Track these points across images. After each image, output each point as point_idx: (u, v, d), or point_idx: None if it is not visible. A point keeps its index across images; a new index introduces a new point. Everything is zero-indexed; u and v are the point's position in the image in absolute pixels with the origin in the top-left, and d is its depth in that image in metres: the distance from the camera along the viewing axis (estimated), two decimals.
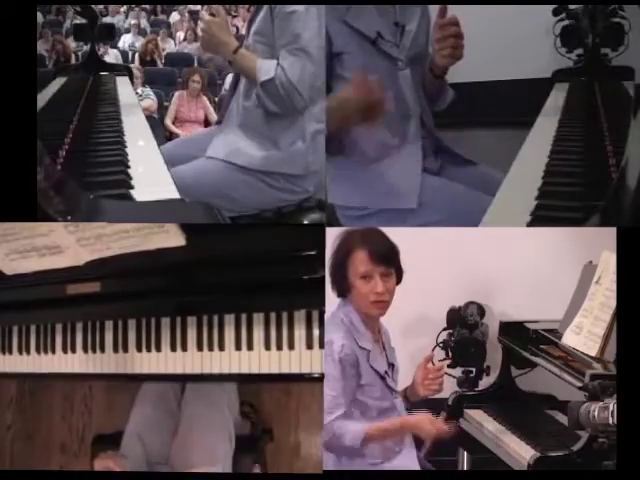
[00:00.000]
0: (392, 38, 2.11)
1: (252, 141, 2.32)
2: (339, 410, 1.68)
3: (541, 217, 1.57)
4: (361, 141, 2.15)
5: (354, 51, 2.08)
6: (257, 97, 2.27)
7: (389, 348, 1.84)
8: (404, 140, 2.14)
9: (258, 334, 1.72)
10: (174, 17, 7.80)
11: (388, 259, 1.73)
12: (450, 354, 2.18)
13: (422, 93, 2.19)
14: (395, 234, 1.78)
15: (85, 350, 1.92)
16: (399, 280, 1.76)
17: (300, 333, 1.70)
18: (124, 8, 7.66)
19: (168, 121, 5.25)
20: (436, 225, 2.05)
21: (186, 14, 7.71)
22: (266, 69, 2.23)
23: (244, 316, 1.74)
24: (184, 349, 1.78)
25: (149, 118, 3.49)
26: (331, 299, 1.76)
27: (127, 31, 7.24)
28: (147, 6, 7.87)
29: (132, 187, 1.67)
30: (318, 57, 2.16)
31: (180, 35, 7.10)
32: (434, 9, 2.24)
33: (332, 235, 1.77)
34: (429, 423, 1.69)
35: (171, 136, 5.09)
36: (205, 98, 5.29)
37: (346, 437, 1.66)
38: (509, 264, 2.33)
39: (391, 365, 1.82)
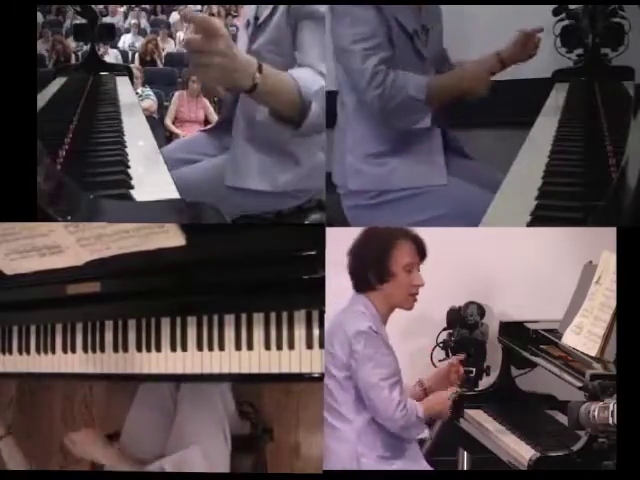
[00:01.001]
0: (424, 38, 2.16)
1: (270, 159, 2.19)
2: (401, 386, 1.76)
3: (541, 217, 1.57)
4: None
5: (399, 45, 2.10)
6: (311, 118, 1.90)
7: None
8: (423, 133, 2.17)
9: (258, 334, 1.72)
10: (174, 17, 7.80)
11: (425, 255, 1.82)
12: (450, 354, 2.18)
13: None
14: None
15: (85, 350, 1.92)
16: None
17: (300, 333, 1.70)
18: (124, 8, 7.66)
19: (168, 121, 5.26)
20: (439, 220, 2.06)
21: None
22: (313, 82, 1.92)
23: (244, 316, 1.74)
24: (184, 349, 1.78)
25: (149, 118, 3.49)
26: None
27: (127, 31, 7.25)
28: (147, 6, 7.87)
29: (132, 187, 1.67)
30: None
31: (180, 35, 7.09)
32: (455, 9, 2.29)
33: (332, 235, 1.77)
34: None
35: (171, 136, 5.10)
36: (205, 98, 5.30)
37: (418, 410, 1.75)
38: (509, 264, 2.33)
39: None
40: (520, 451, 1.80)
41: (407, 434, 1.76)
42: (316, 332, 1.69)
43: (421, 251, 1.81)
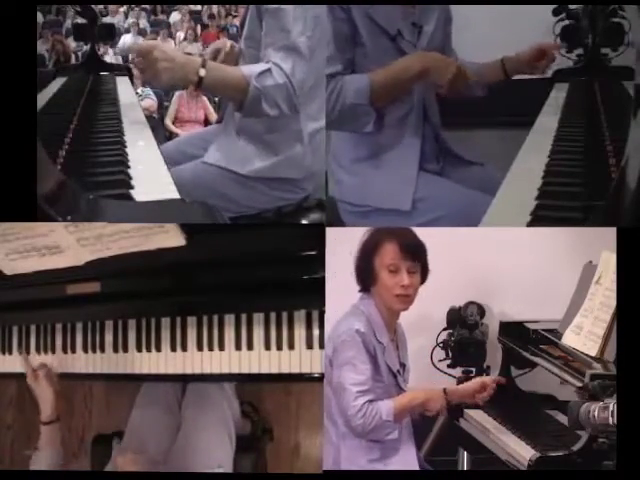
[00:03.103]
0: (410, 37, 2.13)
1: (250, 147, 2.25)
2: (370, 395, 1.70)
3: (541, 217, 1.57)
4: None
5: (374, 45, 2.09)
6: (253, 99, 2.04)
7: (402, 349, 1.86)
8: (401, 140, 2.15)
9: (258, 334, 1.73)
10: (174, 17, 7.80)
11: (416, 254, 1.77)
12: (450, 354, 2.18)
13: (433, 94, 2.19)
14: None
15: (85, 350, 1.93)
16: (424, 279, 1.80)
17: (300, 333, 1.70)
18: (124, 8, 7.66)
19: (168, 121, 5.25)
20: (436, 222, 2.06)
21: (186, 14, 7.71)
22: (258, 66, 2.07)
23: (244, 316, 1.74)
24: (184, 349, 1.79)
25: (149, 118, 3.48)
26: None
27: (127, 31, 7.25)
28: (147, 6, 7.87)
29: (132, 187, 1.67)
30: (309, 55, 2.10)
31: (180, 35, 7.10)
32: (454, 9, 2.30)
33: (332, 235, 1.78)
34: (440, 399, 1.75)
35: (171, 136, 5.08)
36: (205, 98, 5.29)
37: (383, 413, 1.68)
38: (509, 264, 2.33)
39: (403, 365, 1.84)
40: (520, 451, 1.80)
41: (372, 437, 1.72)
42: (316, 332, 1.69)
43: (407, 251, 1.75)
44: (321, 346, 1.68)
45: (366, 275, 1.77)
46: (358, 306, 1.78)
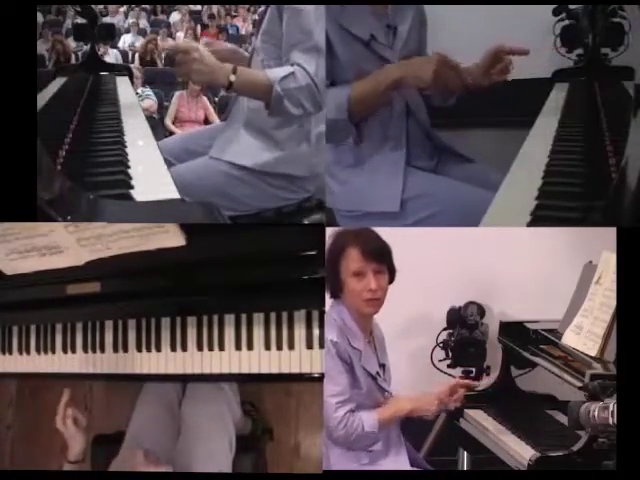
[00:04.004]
0: (385, 40, 2.12)
1: (257, 142, 2.28)
2: (350, 404, 1.70)
3: (541, 217, 1.56)
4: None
5: (348, 52, 2.08)
6: (276, 102, 2.11)
7: (381, 349, 1.85)
8: (385, 144, 2.14)
9: (258, 334, 1.72)
10: (174, 17, 7.82)
11: (380, 256, 1.74)
12: (450, 354, 2.18)
13: (417, 93, 2.19)
14: (395, 234, 1.79)
15: (85, 350, 1.93)
16: (392, 279, 1.78)
17: (300, 333, 1.70)
18: (124, 8, 7.66)
19: (168, 121, 5.26)
20: (430, 219, 2.05)
21: (186, 14, 7.72)
22: (282, 70, 2.14)
23: (244, 316, 1.74)
24: (184, 349, 1.79)
25: (149, 118, 3.48)
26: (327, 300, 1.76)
27: (127, 31, 7.26)
28: (147, 6, 7.88)
29: (132, 187, 1.67)
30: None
31: (180, 35, 7.10)
32: (429, 9, 2.27)
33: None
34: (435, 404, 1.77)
35: (171, 136, 5.08)
36: (205, 98, 5.30)
37: (365, 424, 1.70)
38: (509, 264, 2.33)
39: (382, 365, 1.83)
40: (520, 451, 1.80)
41: (355, 447, 1.73)
42: (316, 332, 1.69)
43: (371, 254, 1.72)
44: (321, 346, 1.68)
45: (334, 282, 1.76)
46: (330, 314, 1.76)
